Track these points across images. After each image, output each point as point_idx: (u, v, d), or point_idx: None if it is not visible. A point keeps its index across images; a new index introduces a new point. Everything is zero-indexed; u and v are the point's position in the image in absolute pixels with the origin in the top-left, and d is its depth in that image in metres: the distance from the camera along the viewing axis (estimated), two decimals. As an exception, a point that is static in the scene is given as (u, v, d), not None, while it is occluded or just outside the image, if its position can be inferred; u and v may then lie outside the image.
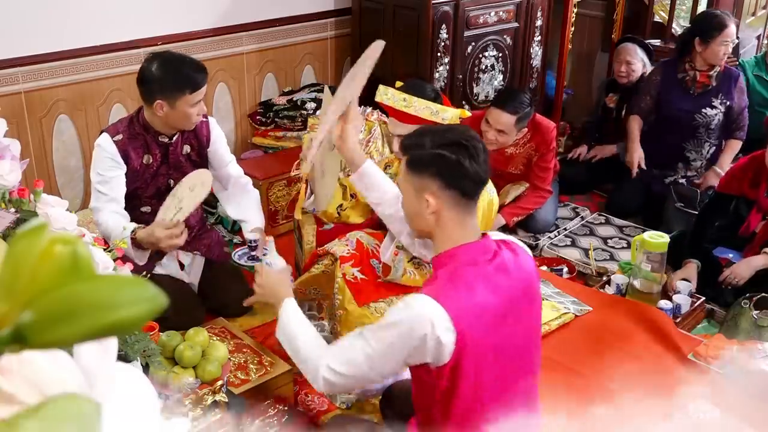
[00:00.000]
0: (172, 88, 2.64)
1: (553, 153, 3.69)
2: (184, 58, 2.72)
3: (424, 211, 1.76)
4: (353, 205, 2.86)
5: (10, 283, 0.47)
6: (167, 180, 2.86)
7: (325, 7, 4.42)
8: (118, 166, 2.75)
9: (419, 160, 1.77)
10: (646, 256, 3.05)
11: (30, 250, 0.47)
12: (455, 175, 1.72)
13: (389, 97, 2.69)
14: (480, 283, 1.68)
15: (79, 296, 0.46)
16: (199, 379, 2.18)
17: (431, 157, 1.74)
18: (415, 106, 2.64)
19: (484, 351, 1.67)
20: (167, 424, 0.61)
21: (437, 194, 1.74)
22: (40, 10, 3.34)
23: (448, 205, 1.75)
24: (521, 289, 1.75)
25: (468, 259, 1.72)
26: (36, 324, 0.46)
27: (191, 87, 2.64)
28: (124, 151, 2.75)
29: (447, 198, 1.74)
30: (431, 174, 1.74)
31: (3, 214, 1.62)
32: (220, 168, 2.99)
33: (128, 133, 2.76)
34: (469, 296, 1.66)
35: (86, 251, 0.48)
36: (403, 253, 2.61)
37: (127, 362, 1.85)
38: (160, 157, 2.82)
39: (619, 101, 4.32)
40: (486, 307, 1.67)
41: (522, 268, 1.77)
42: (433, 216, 1.76)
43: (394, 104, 2.66)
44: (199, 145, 2.90)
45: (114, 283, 0.47)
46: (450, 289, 1.67)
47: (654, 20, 5.05)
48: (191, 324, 2.53)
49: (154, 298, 0.47)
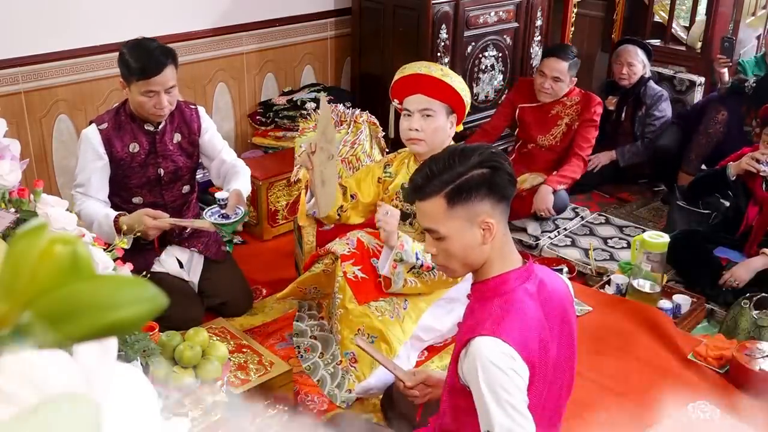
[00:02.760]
0: (124, 71, 2.66)
1: (596, 128, 3.87)
2: (147, 45, 2.67)
3: (479, 242, 1.64)
4: (354, 206, 2.86)
5: (10, 283, 0.47)
6: (156, 170, 2.84)
7: (325, 7, 4.42)
8: (98, 158, 2.74)
9: (464, 187, 1.62)
10: (646, 256, 3.05)
11: (30, 250, 0.47)
12: (503, 188, 1.63)
13: (424, 66, 2.68)
14: (531, 310, 1.63)
15: (79, 296, 0.46)
16: (199, 379, 2.18)
17: (475, 179, 1.61)
18: (451, 77, 2.65)
19: (540, 380, 1.63)
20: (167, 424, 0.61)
21: (492, 214, 1.63)
22: (41, 11, 3.34)
23: (503, 222, 1.65)
24: (560, 314, 1.71)
25: (517, 287, 1.65)
26: (36, 324, 0.46)
27: (138, 74, 2.62)
28: (108, 140, 2.74)
29: (500, 214, 1.64)
30: (482, 195, 1.62)
31: (3, 214, 1.62)
32: (214, 156, 2.97)
33: (114, 121, 2.76)
34: (525, 326, 1.60)
35: (86, 251, 0.48)
36: (402, 265, 2.60)
37: (127, 362, 1.85)
38: (147, 146, 2.80)
39: (618, 103, 4.32)
40: (537, 334, 1.63)
41: (558, 292, 1.73)
42: (493, 242, 1.64)
43: (431, 72, 2.64)
44: (189, 132, 2.88)
45: (114, 283, 0.47)
46: (510, 322, 1.59)
47: (654, 20, 5.05)
48: (190, 322, 2.53)
49: (154, 298, 0.47)
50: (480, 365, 1.56)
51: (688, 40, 4.94)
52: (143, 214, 2.68)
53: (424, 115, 2.62)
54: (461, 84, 2.66)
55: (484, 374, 1.56)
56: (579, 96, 3.89)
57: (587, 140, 3.85)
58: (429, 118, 2.62)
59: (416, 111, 2.63)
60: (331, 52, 4.55)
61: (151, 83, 2.63)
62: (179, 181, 2.92)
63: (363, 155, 3.50)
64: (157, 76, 2.63)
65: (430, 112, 2.62)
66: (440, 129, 2.62)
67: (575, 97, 3.89)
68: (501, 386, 1.55)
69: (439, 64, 2.69)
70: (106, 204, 2.76)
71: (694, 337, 2.90)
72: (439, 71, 2.65)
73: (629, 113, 4.29)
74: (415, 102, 2.64)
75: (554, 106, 3.90)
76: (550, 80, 3.81)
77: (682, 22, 5.13)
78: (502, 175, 1.63)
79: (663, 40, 4.91)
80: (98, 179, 2.75)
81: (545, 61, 3.86)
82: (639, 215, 4.09)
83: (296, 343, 2.83)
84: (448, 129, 2.66)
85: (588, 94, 3.92)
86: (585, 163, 3.87)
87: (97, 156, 2.74)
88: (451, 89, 2.62)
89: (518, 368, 1.56)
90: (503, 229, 1.67)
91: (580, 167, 3.84)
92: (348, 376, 2.59)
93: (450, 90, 2.62)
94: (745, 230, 3.20)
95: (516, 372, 1.56)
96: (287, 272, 3.21)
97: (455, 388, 1.71)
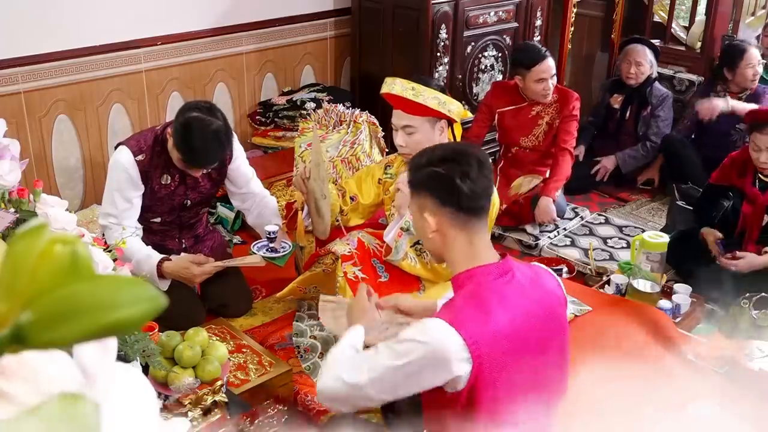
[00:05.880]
0: (176, 141, 2.60)
1: (577, 121, 3.83)
2: (210, 132, 2.55)
3: (427, 231, 1.72)
4: (354, 207, 2.86)
5: (10, 283, 0.47)
6: (183, 200, 2.84)
7: (325, 7, 4.42)
8: (136, 188, 2.71)
9: (415, 179, 1.74)
10: (646, 256, 3.05)
11: (30, 250, 0.47)
12: (448, 192, 1.68)
13: (397, 86, 2.69)
14: (499, 306, 1.62)
15: (79, 296, 0.46)
16: (199, 379, 2.18)
17: (424, 175, 1.71)
18: (423, 96, 2.65)
19: (503, 376, 1.61)
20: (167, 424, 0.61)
21: (435, 212, 1.70)
22: (40, 10, 3.34)
23: (448, 223, 1.70)
24: (544, 313, 1.69)
25: (485, 281, 1.66)
26: (36, 324, 0.46)
27: (186, 160, 2.62)
28: (145, 172, 2.71)
29: (445, 216, 1.70)
30: (426, 192, 1.71)
31: (3, 214, 1.62)
32: (242, 185, 2.97)
33: (151, 152, 2.71)
34: (486, 321, 1.59)
35: (86, 251, 0.48)
36: (407, 236, 2.62)
37: (127, 362, 1.85)
38: (178, 178, 2.78)
39: (624, 102, 4.31)
40: (505, 331, 1.60)
41: (545, 291, 1.72)
42: (437, 235, 1.71)
43: (403, 93, 2.66)
44: (220, 163, 2.84)
45: (114, 283, 0.47)
46: (467, 313, 1.60)
47: (654, 20, 5.05)
48: (191, 324, 2.53)
49: (154, 298, 0.47)
50: (417, 328, 1.62)
51: (688, 40, 4.94)
52: (189, 261, 2.69)
53: (406, 132, 2.67)
54: (435, 99, 2.66)
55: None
56: (557, 93, 3.82)
57: (570, 134, 3.80)
58: (411, 135, 2.67)
59: (399, 127, 2.68)
60: (331, 52, 4.55)
61: (200, 170, 2.66)
62: (201, 206, 2.97)
63: (363, 155, 3.51)
64: (209, 167, 2.65)
65: (411, 129, 2.67)
66: (424, 141, 2.62)
67: (554, 95, 3.82)
68: (406, 338, 1.60)
69: (411, 82, 2.66)
70: (138, 229, 2.74)
71: (694, 337, 2.90)
72: (410, 91, 2.66)
73: (633, 113, 4.28)
74: (397, 117, 2.70)
75: (534, 106, 3.82)
76: (550, 80, 3.75)
77: (681, 22, 5.13)
78: (448, 185, 1.66)
79: (663, 40, 4.90)
80: (134, 208, 2.73)
81: (542, 66, 3.69)
82: (639, 215, 4.09)
83: (296, 343, 2.83)
84: (437, 136, 2.68)
85: (565, 90, 3.88)
86: (572, 155, 3.83)
87: (134, 186, 2.70)
88: (424, 107, 2.64)
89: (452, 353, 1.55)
90: (457, 234, 1.70)
91: (568, 162, 3.79)
92: (348, 376, 2.59)
93: (425, 108, 2.64)
94: (742, 229, 3.21)
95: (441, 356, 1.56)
96: (287, 272, 3.21)
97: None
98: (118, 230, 2.63)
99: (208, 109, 2.61)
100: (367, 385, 1.64)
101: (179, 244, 2.95)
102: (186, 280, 2.72)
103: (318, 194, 2.69)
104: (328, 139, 3.54)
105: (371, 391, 1.64)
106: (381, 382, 1.63)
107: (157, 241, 2.86)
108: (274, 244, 2.79)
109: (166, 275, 2.69)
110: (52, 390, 0.50)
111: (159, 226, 2.89)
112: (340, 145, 3.53)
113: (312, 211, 2.76)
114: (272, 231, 2.78)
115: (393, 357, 1.61)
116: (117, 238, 2.54)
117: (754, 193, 3.12)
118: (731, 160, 3.25)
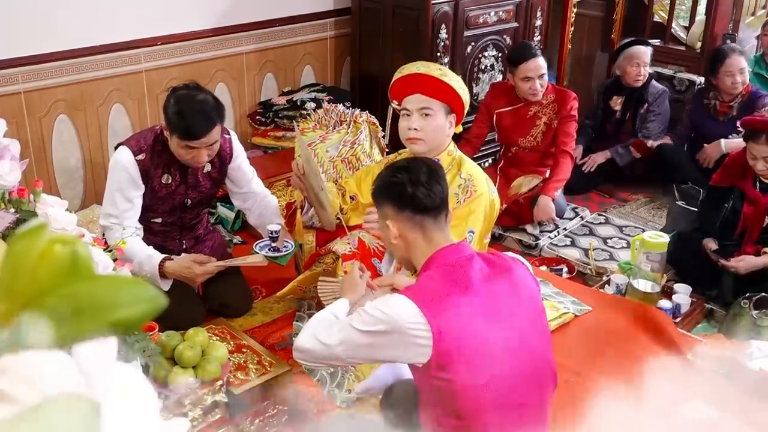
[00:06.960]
0: (169, 123, 2.59)
1: (575, 122, 3.82)
2: (196, 102, 2.56)
3: (391, 238, 1.87)
4: (354, 207, 2.86)
5: (10, 282, 0.47)
6: (184, 199, 2.83)
7: (325, 7, 4.42)
8: (137, 188, 2.70)
9: (376, 191, 1.92)
10: (646, 256, 3.05)
11: (30, 250, 0.47)
12: (402, 197, 1.83)
13: (422, 66, 2.67)
14: (457, 283, 1.74)
15: (79, 296, 0.46)
16: (199, 379, 2.18)
17: (382, 185, 1.90)
18: (448, 76, 2.64)
19: (469, 350, 1.70)
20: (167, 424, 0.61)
21: (395, 218, 1.86)
22: (40, 10, 3.34)
23: (408, 227, 1.85)
24: (507, 280, 1.81)
25: (445, 261, 1.80)
26: (35, 324, 0.46)
27: (180, 132, 2.57)
28: (146, 172, 2.70)
29: (404, 221, 1.85)
30: (385, 201, 1.88)
31: (3, 214, 1.62)
32: (243, 185, 2.96)
33: (151, 151, 2.70)
34: (445, 296, 1.71)
35: (86, 251, 0.48)
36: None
37: (127, 362, 1.85)
38: (179, 177, 2.77)
39: (624, 103, 4.31)
40: (465, 306, 1.72)
41: (504, 260, 1.86)
42: (400, 240, 1.86)
43: (429, 71, 2.63)
44: (221, 162, 2.84)
45: (114, 283, 0.47)
46: (427, 289, 1.74)
47: (654, 20, 5.05)
48: (191, 324, 2.54)
49: (154, 298, 0.47)
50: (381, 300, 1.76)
51: (688, 40, 4.94)
52: (191, 261, 2.68)
53: (423, 114, 2.60)
54: (459, 83, 2.66)
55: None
56: (554, 93, 3.81)
57: (569, 135, 3.78)
58: (428, 117, 2.60)
59: (415, 110, 2.61)
60: (331, 52, 4.55)
61: (196, 142, 2.58)
62: (201, 206, 2.96)
63: (363, 155, 3.51)
64: (200, 138, 2.57)
65: (429, 111, 2.60)
66: (439, 128, 2.62)
67: (550, 95, 3.80)
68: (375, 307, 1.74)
69: (438, 64, 2.68)
70: (138, 229, 2.73)
71: (694, 337, 2.90)
72: (438, 71, 2.65)
73: (631, 112, 4.29)
74: (414, 101, 2.62)
75: (531, 106, 3.80)
76: (538, 80, 3.71)
77: (681, 21, 5.13)
78: (401, 191, 1.83)
79: (663, 40, 4.91)
80: (135, 208, 2.72)
81: (528, 65, 3.68)
82: (639, 215, 4.09)
83: (296, 343, 2.82)
84: (447, 129, 2.65)
85: (562, 90, 3.87)
86: (572, 157, 3.83)
87: (135, 186, 2.69)
88: (449, 89, 2.61)
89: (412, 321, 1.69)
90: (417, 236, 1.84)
91: (568, 164, 3.79)
92: (348, 375, 2.59)
93: (449, 89, 2.61)
94: (742, 229, 3.21)
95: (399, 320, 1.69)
96: (287, 272, 3.21)
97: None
98: (119, 230, 2.61)
99: (195, 87, 2.66)
100: (337, 345, 1.79)
101: (180, 245, 2.95)
102: (188, 279, 2.71)
103: (316, 187, 2.67)
104: (328, 139, 3.54)
105: (340, 351, 1.79)
106: (348, 344, 1.78)
107: (158, 242, 2.86)
108: (276, 244, 2.79)
109: (167, 275, 2.68)
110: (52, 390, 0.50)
111: (160, 226, 2.88)
112: (340, 145, 3.53)
113: (315, 205, 2.74)
114: (274, 230, 2.78)
115: (360, 323, 1.76)
116: (117, 238, 2.52)
117: (756, 195, 3.11)
118: (732, 160, 3.25)
